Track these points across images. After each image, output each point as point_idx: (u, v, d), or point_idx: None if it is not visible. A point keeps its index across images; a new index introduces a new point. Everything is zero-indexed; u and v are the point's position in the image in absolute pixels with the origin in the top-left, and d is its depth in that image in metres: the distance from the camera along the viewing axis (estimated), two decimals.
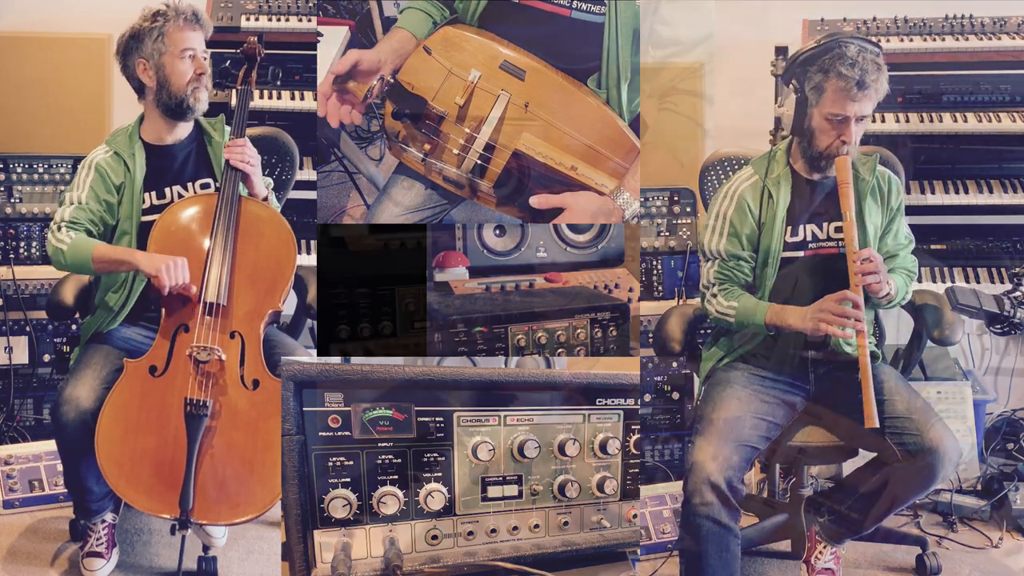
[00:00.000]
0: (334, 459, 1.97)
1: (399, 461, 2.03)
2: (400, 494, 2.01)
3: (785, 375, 2.70)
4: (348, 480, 1.97)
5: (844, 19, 3.62)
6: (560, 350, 2.56)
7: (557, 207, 2.60)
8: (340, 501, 1.94)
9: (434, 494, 2.04)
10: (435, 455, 2.07)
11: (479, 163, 2.61)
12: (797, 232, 2.68)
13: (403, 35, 2.69)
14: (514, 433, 2.17)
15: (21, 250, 3.50)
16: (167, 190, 2.77)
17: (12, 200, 3.51)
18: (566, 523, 2.23)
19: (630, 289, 2.96)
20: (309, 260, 3.44)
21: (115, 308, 2.72)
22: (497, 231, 2.90)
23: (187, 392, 2.51)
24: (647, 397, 3.54)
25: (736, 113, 3.81)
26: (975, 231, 3.66)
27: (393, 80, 2.60)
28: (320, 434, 1.96)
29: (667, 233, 3.60)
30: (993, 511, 3.30)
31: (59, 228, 2.66)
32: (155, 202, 2.74)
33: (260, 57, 2.87)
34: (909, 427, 2.53)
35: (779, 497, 3.21)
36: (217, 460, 2.50)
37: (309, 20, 3.58)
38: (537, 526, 2.20)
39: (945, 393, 3.35)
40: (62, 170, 3.53)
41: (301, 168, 3.31)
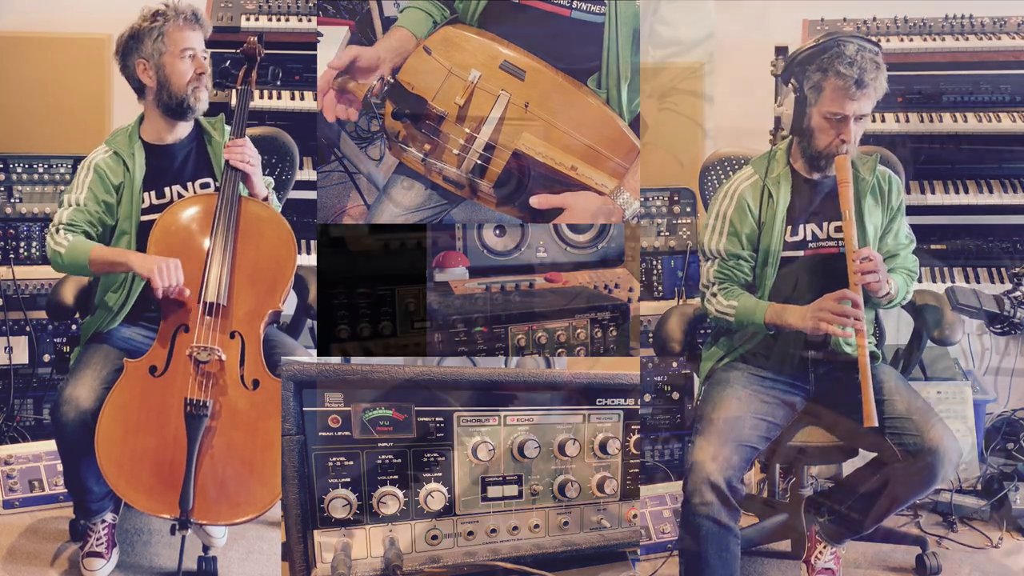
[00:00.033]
0: (334, 459, 1.97)
1: (399, 461, 2.03)
2: (400, 494, 2.01)
3: (785, 375, 2.70)
4: (348, 480, 1.97)
5: (844, 19, 3.62)
6: (560, 350, 2.56)
7: (557, 207, 2.60)
8: (340, 501, 1.94)
9: (434, 494, 2.04)
10: (435, 455, 2.07)
11: (479, 163, 2.61)
12: (797, 232, 2.68)
13: (403, 34, 2.69)
14: (514, 433, 2.17)
15: (21, 250, 3.50)
16: (166, 190, 2.77)
17: (12, 200, 3.51)
18: (566, 523, 2.23)
19: (630, 289, 2.96)
20: (309, 260, 3.44)
21: (114, 308, 2.72)
22: (497, 231, 2.90)
23: (187, 392, 2.51)
24: (647, 397, 3.54)
25: (736, 113, 3.80)
26: (975, 231, 3.66)
27: (393, 80, 2.60)
28: (320, 434, 1.96)
29: (667, 233, 3.60)
30: (993, 511, 3.30)
31: (57, 231, 2.66)
32: (154, 202, 2.74)
33: (260, 57, 2.87)
34: (909, 427, 2.53)
35: (779, 497, 3.21)
36: (217, 460, 2.50)
37: (309, 20, 3.58)
38: (537, 526, 2.19)
39: (945, 393, 3.35)
40: (62, 170, 3.52)
41: (301, 168, 3.31)
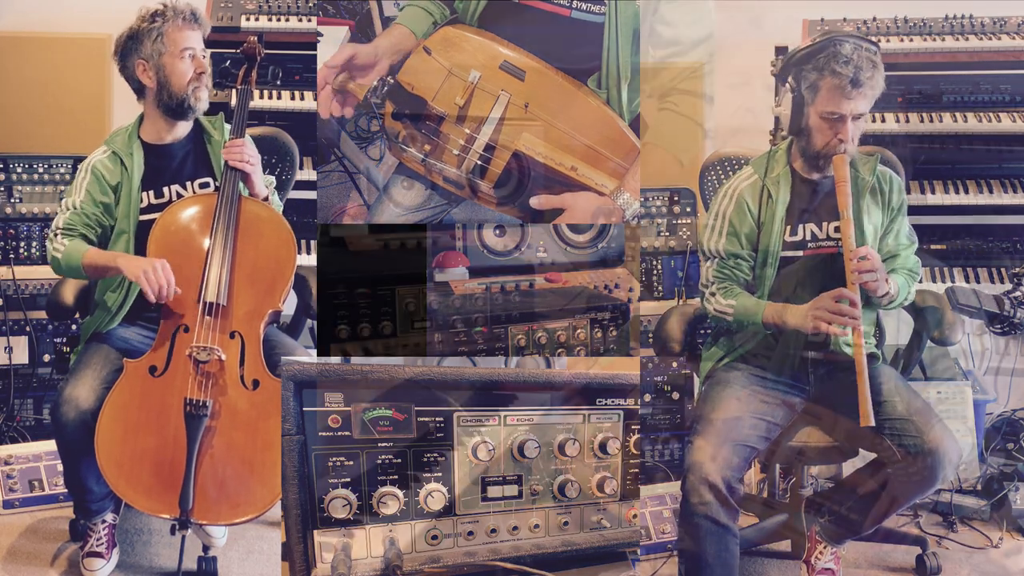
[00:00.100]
0: (334, 459, 1.97)
1: (399, 461, 2.03)
2: (400, 494, 2.01)
3: (785, 375, 2.70)
4: (348, 480, 1.97)
5: (844, 19, 3.62)
6: (560, 350, 2.56)
7: (557, 207, 2.60)
8: (340, 501, 1.94)
9: (434, 494, 2.04)
10: (435, 455, 2.07)
11: (479, 163, 2.61)
12: (796, 231, 2.68)
13: (402, 31, 2.68)
14: (514, 433, 2.17)
15: (21, 250, 3.49)
16: (165, 189, 2.76)
17: (12, 200, 3.51)
18: (566, 523, 2.23)
19: (630, 289, 2.95)
20: (309, 260, 3.44)
21: (113, 308, 2.72)
22: (497, 231, 2.89)
23: (187, 392, 2.51)
24: (647, 397, 3.54)
25: (736, 113, 3.80)
26: (975, 231, 3.66)
27: (393, 80, 2.60)
28: (320, 434, 1.96)
29: (667, 233, 3.60)
30: (993, 511, 3.30)
31: (55, 235, 2.67)
32: (153, 201, 2.74)
33: (260, 57, 2.87)
34: (909, 428, 2.53)
35: (779, 497, 3.21)
36: (217, 460, 2.50)
37: (309, 20, 3.58)
38: (537, 526, 2.19)
39: (945, 393, 3.35)
40: (62, 170, 3.52)
41: (301, 168, 3.31)
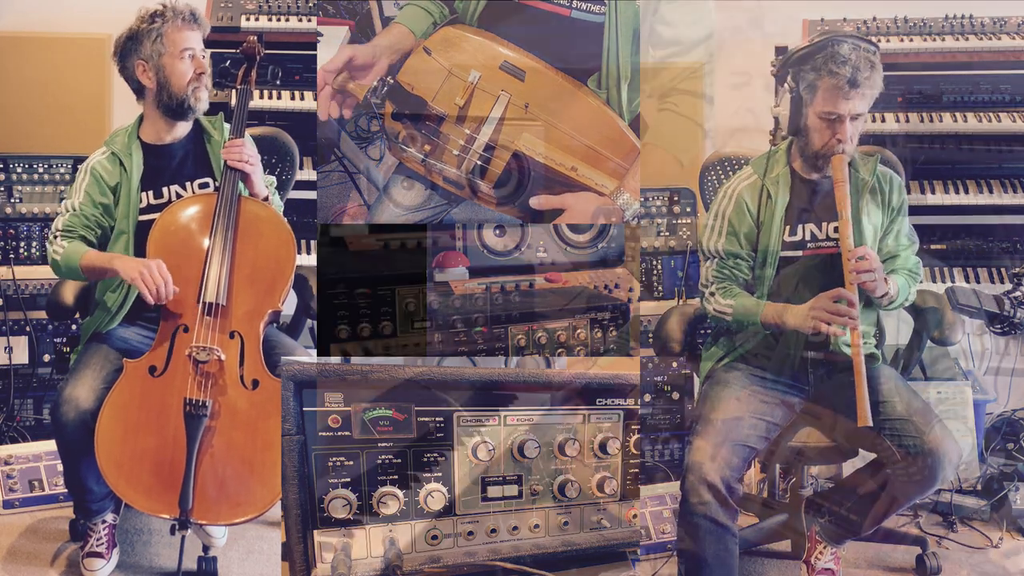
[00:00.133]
0: (334, 459, 1.97)
1: (399, 461, 2.03)
2: (400, 494, 2.01)
3: (785, 375, 2.70)
4: (348, 480, 1.97)
5: (844, 19, 3.62)
6: (560, 350, 2.55)
7: (557, 208, 2.60)
8: (340, 501, 1.94)
9: (434, 494, 2.04)
10: (435, 455, 2.07)
11: (479, 164, 2.61)
12: (796, 232, 2.68)
13: (401, 31, 2.68)
14: (514, 433, 2.17)
15: (21, 250, 3.49)
16: (164, 190, 2.76)
17: (12, 200, 3.51)
18: (566, 523, 2.23)
19: (630, 289, 2.95)
20: (309, 260, 3.43)
21: (113, 308, 2.72)
22: (497, 231, 2.89)
23: (186, 392, 2.51)
24: (647, 397, 3.54)
25: (736, 113, 3.80)
26: (975, 231, 3.66)
27: (393, 81, 2.60)
28: (320, 434, 1.96)
29: (667, 233, 3.60)
30: (993, 511, 3.30)
31: (55, 237, 2.68)
32: (152, 202, 2.74)
33: (260, 56, 2.87)
34: (909, 429, 2.53)
35: (779, 497, 3.21)
36: (217, 460, 2.50)
37: (309, 20, 3.58)
38: (537, 526, 2.19)
39: (945, 393, 3.35)
40: (62, 170, 3.52)
41: (301, 168, 3.31)
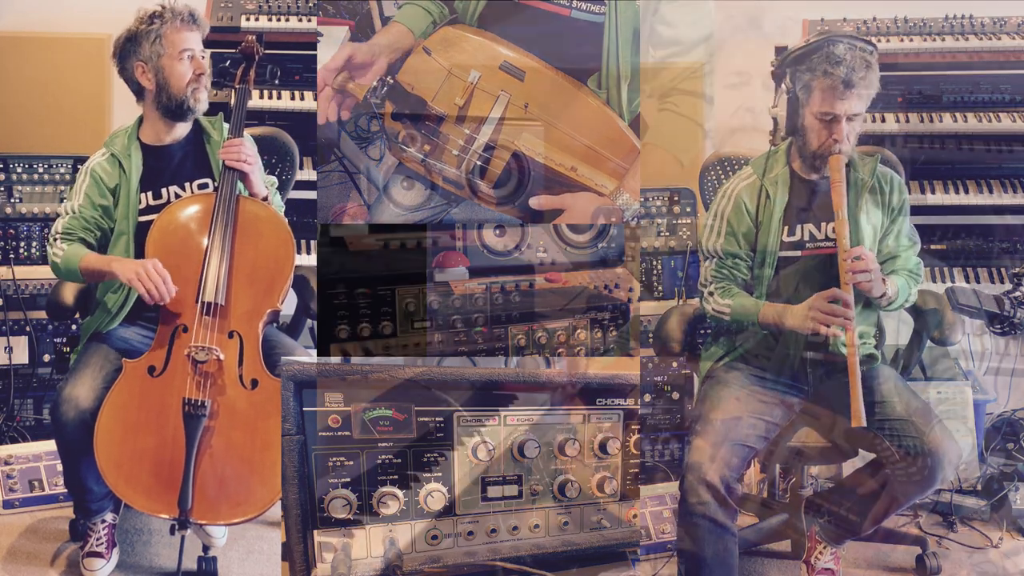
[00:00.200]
0: (334, 459, 1.97)
1: (399, 461, 2.03)
2: (400, 494, 2.01)
3: (784, 376, 2.70)
4: (348, 480, 1.97)
5: (844, 19, 3.62)
6: (560, 350, 2.55)
7: (557, 208, 2.60)
8: (340, 501, 1.94)
9: (434, 494, 2.04)
10: (435, 455, 2.07)
11: (479, 164, 2.61)
12: (794, 232, 2.68)
13: (400, 30, 2.68)
14: (514, 433, 2.17)
15: (21, 250, 3.49)
16: (164, 190, 2.76)
17: (12, 200, 3.50)
18: (566, 523, 2.23)
19: (630, 289, 2.95)
20: (309, 260, 3.43)
21: (114, 309, 2.72)
22: (497, 231, 2.89)
23: (185, 392, 2.50)
24: (647, 397, 3.54)
25: (736, 113, 3.80)
26: (975, 231, 3.66)
27: (393, 81, 2.60)
28: (320, 434, 1.96)
29: (667, 233, 3.60)
30: (993, 511, 3.30)
31: (55, 240, 2.68)
32: (151, 202, 2.74)
33: (258, 56, 2.87)
34: (908, 429, 2.53)
35: (779, 497, 3.21)
36: (216, 460, 2.50)
37: (309, 20, 3.58)
38: (537, 526, 2.19)
39: (945, 393, 3.35)
40: (62, 170, 3.52)
41: (301, 168, 3.31)
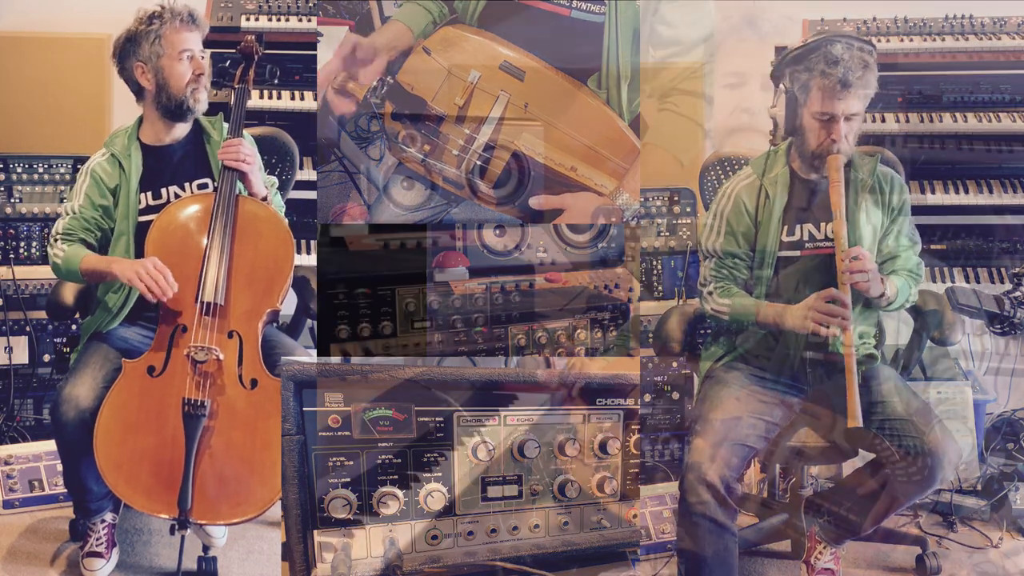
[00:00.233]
0: (334, 459, 1.97)
1: (399, 461, 2.03)
2: (400, 494, 2.01)
3: (784, 375, 2.70)
4: (348, 480, 1.97)
5: (844, 19, 3.62)
6: (560, 350, 2.55)
7: (557, 208, 2.60)
8: (340, 501, 1.94)
9: (434, 494, 2.04)
10: (435, 455, 2.07)
11: (479, 164, 2.61)
12: (794, 232, 2.68)
13: (399, 28, 2.68)
14: (514, 433, 2.17)
15: (21, 250, 3.49)
16: (163, 191, 2.76)
17: (12, 200, 3.50)
18: (566, 523, 2.23)
19: (630, 289, 2.95)
20: (309, 260, 3.43)
21: (114, 309, 2.72)
22: (497, 231, 2.89)
23: (185, 392, 2.50)
24: (647, 397, 3.54)
25: (736, 113, 3.80)
26: (975, 231, 3.66)
27: (393, 80, 2.60)
28: (320, 434, 1.96)
29: (667, 233, 3.60)
30: (993, 511, 3.30)
31: (55, 240, 2.68)
32: (151, 203, 2.74)
33: (258, 55, 2.87)
34: (908, 429, 2.53)
35: (779, 497, 3.21)
36: (216, 460, 2.50)
37: (309, 20, 3.58)
38: (537, 526, 2.19)
39: (945, 393, 3.35)
40: (62, 170, 3.52)
41: (301, 168, 3.31)
